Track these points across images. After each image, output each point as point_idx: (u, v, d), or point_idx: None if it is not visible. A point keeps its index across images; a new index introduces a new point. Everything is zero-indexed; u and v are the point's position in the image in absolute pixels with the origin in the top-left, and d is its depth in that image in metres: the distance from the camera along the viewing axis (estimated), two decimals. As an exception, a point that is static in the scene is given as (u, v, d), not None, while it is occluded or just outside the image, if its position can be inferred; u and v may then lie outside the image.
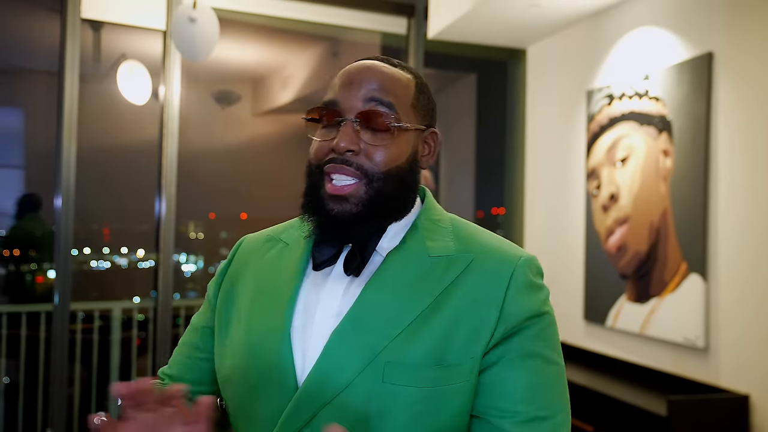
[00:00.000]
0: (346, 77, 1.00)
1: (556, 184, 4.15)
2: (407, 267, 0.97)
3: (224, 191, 5.23)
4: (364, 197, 0.96)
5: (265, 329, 0.99)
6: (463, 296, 0.95)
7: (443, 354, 0.91)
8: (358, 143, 0.96)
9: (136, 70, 3.79)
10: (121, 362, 4.22)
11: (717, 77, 2.95)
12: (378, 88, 0.98)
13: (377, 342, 0.92)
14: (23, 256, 4.45)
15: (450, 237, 1.01)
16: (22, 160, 4.74)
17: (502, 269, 0.97)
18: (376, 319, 0.93)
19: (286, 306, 0.99)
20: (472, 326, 0.93)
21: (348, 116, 0.97)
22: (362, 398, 0.90)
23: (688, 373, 3.05)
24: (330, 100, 1.00)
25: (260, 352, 0.97)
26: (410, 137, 1.01)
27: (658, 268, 3.20)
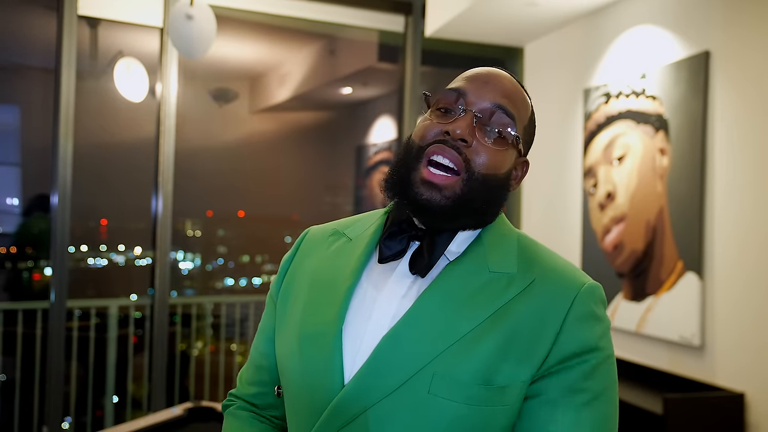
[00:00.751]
0: (481, 74, 1.00)
1: (552, 183, 4.15)
2: (467, 279, 0.94)
3: (221, 189, 5.22)
4: (458, 193, 0.93)
5: (318, 322, 0.97)
6: (520, 317, 0.91)
7: (493, 374, 0.88)
8: (473, 137, 0.95)
9: (133, 67, 3.78)
10: (118, 360, 4.22)
11: (714, 76, 2.95)
12: (506, 96, 0.98)
13: (428, 352, 0.89)
14: (20, 253, 4.44)
15: (514, 254, 0.98)
16: (19, 157, 4.73)
17: (563, 294, 0.93)
18: (430, 328, 0.90)
19: (342, 300, 0.96)
20: (525, 350, 0.90)
21: (471, 109, 0.96)
22: (405, 408, 0.88)
23: (684, 371, 3.05)
24: (459, 88, 0.98)
25: (312, 344, 0.95)
26: (513, 155, 1.01)
27: (655, 266, 3.21)
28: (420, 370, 0.88)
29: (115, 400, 4.23)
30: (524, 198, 4.43)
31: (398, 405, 0.88)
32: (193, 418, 2.35)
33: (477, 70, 1.01)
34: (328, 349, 0.93)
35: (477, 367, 0.88)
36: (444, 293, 0.93)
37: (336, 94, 5.51)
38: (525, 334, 0.90)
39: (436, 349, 0.89)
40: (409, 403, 0.88)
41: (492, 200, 0.97)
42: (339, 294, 0.97)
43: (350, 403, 0.89)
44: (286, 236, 5.75)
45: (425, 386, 0.87)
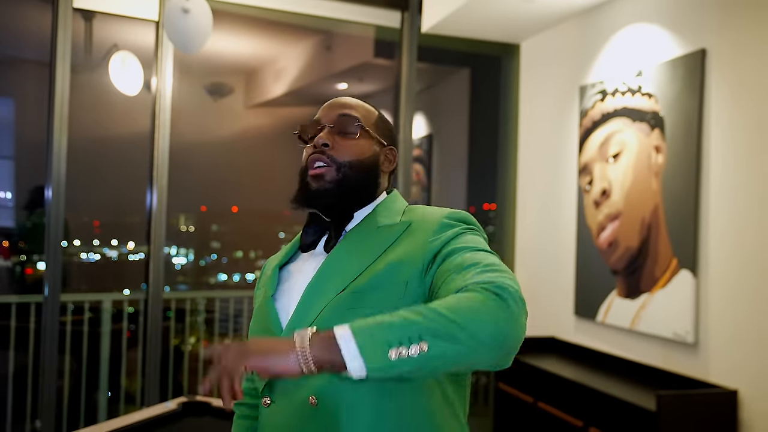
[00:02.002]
0: (326, 104, 1.37)
1: (548, 180, 4.16)
2: (359, 236, 1.28)
3: (216, 184, 5.21)
4: (334, 177, 1.28)
5: (260, 299, 1.32)
6: (406, 246, 1.22)
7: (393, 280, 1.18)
8: (332, 140, 1.30)
9: (128, 60, 3.76)
10: (111, 354, 4.21)
11: (710, 74, 2.96)
12: (348, 107, 1.35)
13: (337, 287, 1.21)
14: (13, 247, 4.42)
15: (399, 214, 1.31)
16: (13, 150, 4.71)
17: (428, 223, 1.25)
18: (336, 273, 1.23)
19: (272, 278, 1.33)
20: (410, 262, 1.19)
21: (326, 123, 1.32)
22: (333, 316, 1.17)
23: (677, 368, 3.06)
24: (314, 119, 1.35)
25: (258, 315, 1.31)
26: (372, 144, 1.34)
27: (649, 263, 3.22)
28: (331, 300, 1.20)
29: (109, 395, 4.22)
30: (519, 195, 4.44)
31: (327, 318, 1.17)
32: (187, 413, 2.35)
33: (325, 104, 1.37)
34: (265, 316, 1.27)
35: (371, 282, 1.19)
36: (344, 250, 1.26)
37: (332, 89, 5.50)
38: (406, 255, 1.20)
39: (342, 284, 1.20)
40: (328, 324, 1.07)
41: (364, 179, 1.31)
42: (273, 275, 1.33)
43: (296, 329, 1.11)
44: (279, 232, 5.74)
45: (342, 304, 1.18)
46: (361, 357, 0.94)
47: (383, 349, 0.94)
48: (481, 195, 4.97)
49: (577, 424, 3.11)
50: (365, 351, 0.94)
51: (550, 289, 4.06)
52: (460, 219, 1.27)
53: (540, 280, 4.18)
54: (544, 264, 4.16)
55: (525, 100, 4.45)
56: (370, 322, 0.97)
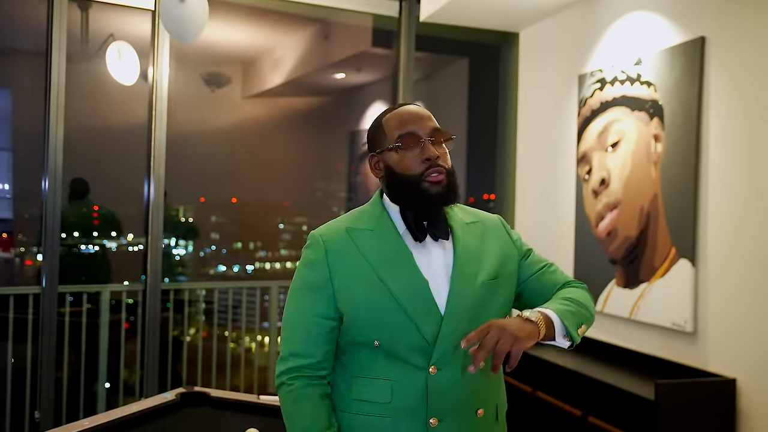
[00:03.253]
0: (414, 114, 1.55)
1: (547, 169, 4.14)
2: (466, 230, 1.57)
3: (214, 175, 5.20)
4: (447, 183, 1.51)
5: (407, 280, 1.48)
6: (497, 242, 1.60)
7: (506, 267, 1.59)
8: (439, 152, 1.52)
9: (124, 50, 3.74)
10: (110, 345, 4.20)
11: (709, 62, 2.94)
12: (433, 119, 1.56)
13: (481, 275, 1.52)
14: (11, 239, 4.42)
15: (460, 213, 1.61)
16: (10, 141, 4.69)
17: (496, 223, 1.65)
18: (473, 262, 1.53)
19: (412, 264, 1.50)
20: (510, 252, 1.62)
21: (427, 137, 1.52)
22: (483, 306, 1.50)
23: (676, 357, 3.06)
24: (411, 131, 1.53)
25: (412, 295, 1.47)
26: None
27: (648, 253, 3.21)
28: (480, 283, 1.51)
29: (108, 386, 4.23)
30: (518, 184, 4.42)
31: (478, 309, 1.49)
32: (186, 404, 2.34)
33: (407, 113, 1.56)
34: (425, 296, 1.48)
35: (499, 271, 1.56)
36: (464, 241, 1.55)
37: (329, 79, 5.47)
38: (501, 248, 1.61)
39: (478, 275, 1.52)
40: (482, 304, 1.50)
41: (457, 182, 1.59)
42: (409, 261, 1.50)
43: (454, 323, 1.47)
44: (279, 223, 5.73)
45: (486, 285, 1.52)
46: (568, 333, 1.43)
47: (575, 328, 1.44)
48: (480, 185, 4.95)
49: (576, 413, 3.11)
50: (569, 329, 1.42)
51: (549, 279, 4.05)
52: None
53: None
54: (542, 253, 4.13)
55: (524, 89, 4.43)
56: (561, 308, 1.45)
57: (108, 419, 2.10)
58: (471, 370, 1.29)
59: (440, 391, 1.47)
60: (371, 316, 1.49)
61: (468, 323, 1.46)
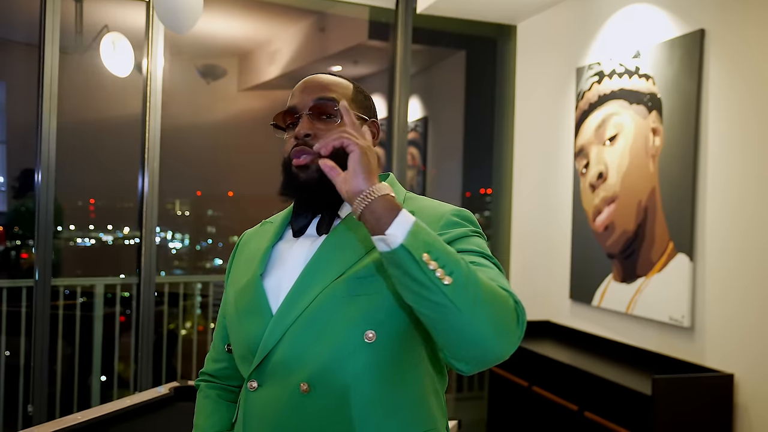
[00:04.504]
0: (298, 87, 1.30)
1: (544, 163, 4.12)
2: (356, 226, 1.23)
3: (210, 168, 5.17)
4: (317, 169, 1.19)
5: (246, 280, 1.28)
6: None
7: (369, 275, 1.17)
8: (313, 129, 1.23)
9: (118, 42, 3.71)
10: (105, 339, 4.18)
11: (708, 55, 2.92)
12: (321, 89, 1.27)
13: (335, 273, 1.19)
14: (7, 232, 4.39)
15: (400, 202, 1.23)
16: (4, 134, 4.66)
17: (433, 218, 1.21)
18: (333, 258, 1.21)
19: (260, 259, 1.29)
20: None
21: (303, 111, 1.26)
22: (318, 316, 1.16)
23: (673, 352, 3.05)
24: (289, 107, 1.29)
25: (243, 295, 1.27)
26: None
27: (645, 247, 3.19)
28: (323, 289, 1.17)
29: (103, 380, 4.21)
30: (515, 178, 4.40)
31: (311, 320, 1.16)
32: (180, 398, 2.33)
33: (296, 86, 1.31)
34: (254, 295, 1.24)
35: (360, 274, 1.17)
36: (339, 239, 1.23)
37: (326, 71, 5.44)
38: None
39: (335, 274, 1.18)
40: (322, 312, 1.16)
41: None
42: (258, 257, 1.30)
43: (279, 323, 1.18)
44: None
45: (331, 294, 1.17)
46: (404, 236, 0.97)
47: (423, 248, 0.97)
48: (476, 178, 4.93)
49: (573, 408, 3.10)
50: (411, 236, 0.97)
51: (546, 273, 4.04)
52: (467, 219, 1.23)
53: (536, 264, 4.16)
54: (539, 248, 4.14)
55: (521, 82, 4.40)
56: (432, 232, 1.01)
57: (101, 413, 2.09)
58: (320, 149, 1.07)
59: (257, 413, 1.19)
60: (225, 317, 1.34)
61: (304, 328, 1.15)
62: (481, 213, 4.82)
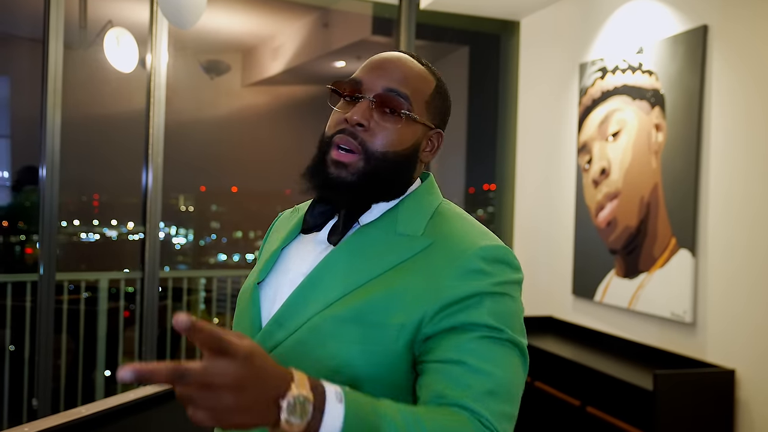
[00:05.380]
0: (375, 62, 1.11)
1: (547, 159, 4.12)
2: (373, 238, 1.06)
3: (214, 164, 5.18)
4: (361, 169, 1.05)
5: (249, 282, 1.15)
6: (414, 275, 1.00)
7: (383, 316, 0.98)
8: (369, 120, 1.06)
9: (122, 37, 3.72)
10: (109, 333, 4.20)
11: (711, 51, 2.92)
12: (399, 79, 1.09)
13: (327, 297, 1.02)
14: (12, 227, 4.41)
15: (425, 219, 1.08)
16: (8, 129, 4.67)
17: (455, 253, 1.01)
18: (332, 278, 1.04)
19: (265, 263, 1.14)
20: (411, 301, 0.98)
21: (367, 95, 1.08)
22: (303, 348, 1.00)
23: (675, 348, 3.05)
24: (355, 78, 1.11)
25: (242, 299, 1.14)
26: (417, 130, 1.10)
27: (648, 243, 3.19)
28: (317, 313, 1.01)
29: (107, 374, 4.23)
30: (518, 174, 4.41)
31: (297, 346, 1.01)
32: (182, 391, 2.34)
33: (373, 59, 1.12)
34: (247, 303, 1.11)
35: (368, 310, 0.99)
36: (349, 251, 1.06)
37: (329, 67, 5.44)
38: (417, 288, 0.99)
39: (334, 296, 1.01)
40: (308, 342, 1.00)
41: (396, 175, 1.08)
42: (271, 255, 1.15)
43: (263, 342, 1.04)
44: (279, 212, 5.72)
45: (322, 327, 0.99)
46: None
47: None
48: (479, 174, 4.93)
49: (575, 403, 3.11)
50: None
51: (549, 269, 4.05)
52: (497, 261, 1.01)
53: (538, 260, 4.16)
54: (542, 243, 4.14)
55: (524, 78, 4.40)
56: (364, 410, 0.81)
57: (105, 407, 2.10)
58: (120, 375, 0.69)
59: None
60: None
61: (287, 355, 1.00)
62: (484, 209, 4.82)
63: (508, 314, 0.98)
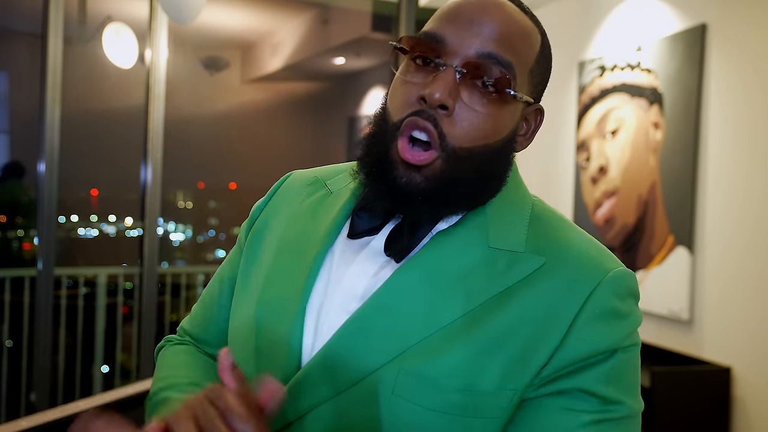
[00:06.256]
0: (466, 9, 0.77)
1: (545, 156, 4.13)
2: (458, 254, 0.76)
3: (213, 160, 5.18)
4: (437, 174, 0.75)
5: (280, 296, 0.82)
6: (521, 309, 0.73)
7: (476, 377, 0.71)
8: (455, 100, 0.75)
9: (122, 32, 3.72)
10: (107, 329, 4.21)
11: (710, 49, 2.92)
12: (499, 38, 0.76)
13: (397, 343, 0.73)
14: (10, 222, 4.41)
15: (523, 226, 0.79)
16: (7, 124, 4.67)
17: (579, 283, 0.74)
18: (403, 314, 0.74)
19: (307, 274, 0.81)
20: (522, 351, 0.72)
21: (452, 62, 0.75)
22: (358, 410, 0.72)
23: (672, 345, 3.06)
24: (435, 34, 0.76)
25: (271, 320, 0.81)
26: (516, 111, 0.80)
27: (645, 240, 3.20)
28: (384, 364, 0.72)
29: (106, 370, 4.23)
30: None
31: (351, 406, 0.73)
32: (180, 386, 2.35)
33: (458, 4, 0.78)
34: (287, 329, 0.79)
35: (457, 366, 0.71)
36: (425, 271, 0.75)
37: (329, 64, 5.45)
38: (524, 332, 0.72)
39: (408, 341, 0.72)
40: (365, 404, 0.72)
41: (485, 176, 0.78)
42: (306, 264, 0.82)
43: (303, 393, 0.75)
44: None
45: (389, 385, 0.71)
46: None
47: None
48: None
49: (571, 400, 3.11)
50: None
51: (547, 266, 4.05)
52: (631, 293, 0.79)
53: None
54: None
55: (524, 75, 4.40)
56: None
57: (103, 401, 2.10)
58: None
59: None
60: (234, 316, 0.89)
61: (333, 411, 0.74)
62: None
63: (634, 373, 0.76)
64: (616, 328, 0.74)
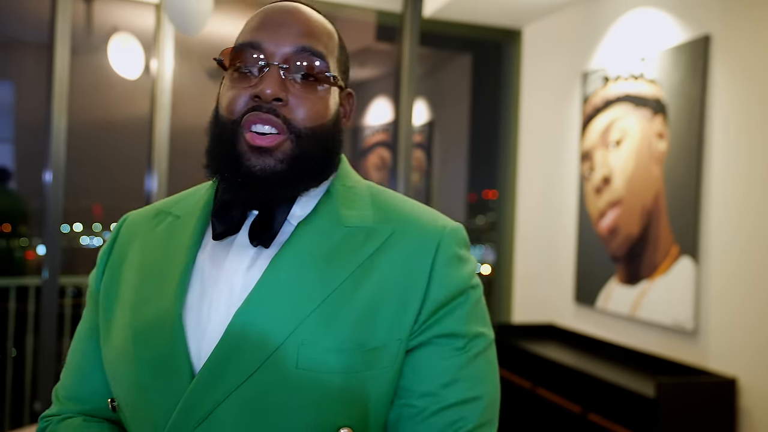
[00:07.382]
0: (272, 17, 0.88)
1: (549, 166, 4.14)
2: (321, 237, 0.86)
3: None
4: (290, 154, 0.84)
5: (152, 312, 0.85)
6: (385, 272, 0.85)
7: (368, 335, 0.81)
8: (286, 92, 0.85)
9: (128, 43, 3.74)
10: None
11: (713, 60, 2.94)
12: (308, 35, 0.88)
13: (289, 322, 0.80)
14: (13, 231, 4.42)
15: (367, 205, 0.91)
16: (12, 133, 4.69)
17: (426, 242, 0.88)
18: (287, 296, 0.82)
19: (177, 283, 0.85)
20: (397, 305, 0.84)
21: (274, 61, 0.85)
22: (270, 389, 0.78)
23: (677, 355, 3.06)
24: (252, 42, 0.86)
25: (148, 339, 0.83)
26: (335, 94, 0.92)
27: (650, 250, 3.21)
28: (282, 343, 0.79)
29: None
30: (520, 181, 4.42)
31: (261, 387, 0.78)
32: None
33: (265, 13, 0.90)
34: (167, 341, 0.82)
35: (349, 330, 0.81)
36: (297, 256, 0.84)
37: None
38: (395, 289, 0.84)
39: (298, 318, 0.80)
40: (274, 383, 0.78)
41: (327, 152, 0.89)
42: (173, 278, 0.86)
43: (203, 396, 0.79)
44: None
45: (292, 361, 0.78)
46: None
47: None
48: (481, 181, 4.95)
49: (576, 410, 3.11)
50: None
51: (550, 276, 4.05)
52: (467, 243, 0.93)
53: (540, 267, 4.17)
54: (544, 250, 4.15)
55: (526, 86, 4.42)
56: None
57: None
58: None
59: None
60: (107, 355, 0.89)
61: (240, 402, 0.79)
62: (486, 216, 4.83)
63: (483, 307, 0.92)
64: (463, 271, 0.88)
